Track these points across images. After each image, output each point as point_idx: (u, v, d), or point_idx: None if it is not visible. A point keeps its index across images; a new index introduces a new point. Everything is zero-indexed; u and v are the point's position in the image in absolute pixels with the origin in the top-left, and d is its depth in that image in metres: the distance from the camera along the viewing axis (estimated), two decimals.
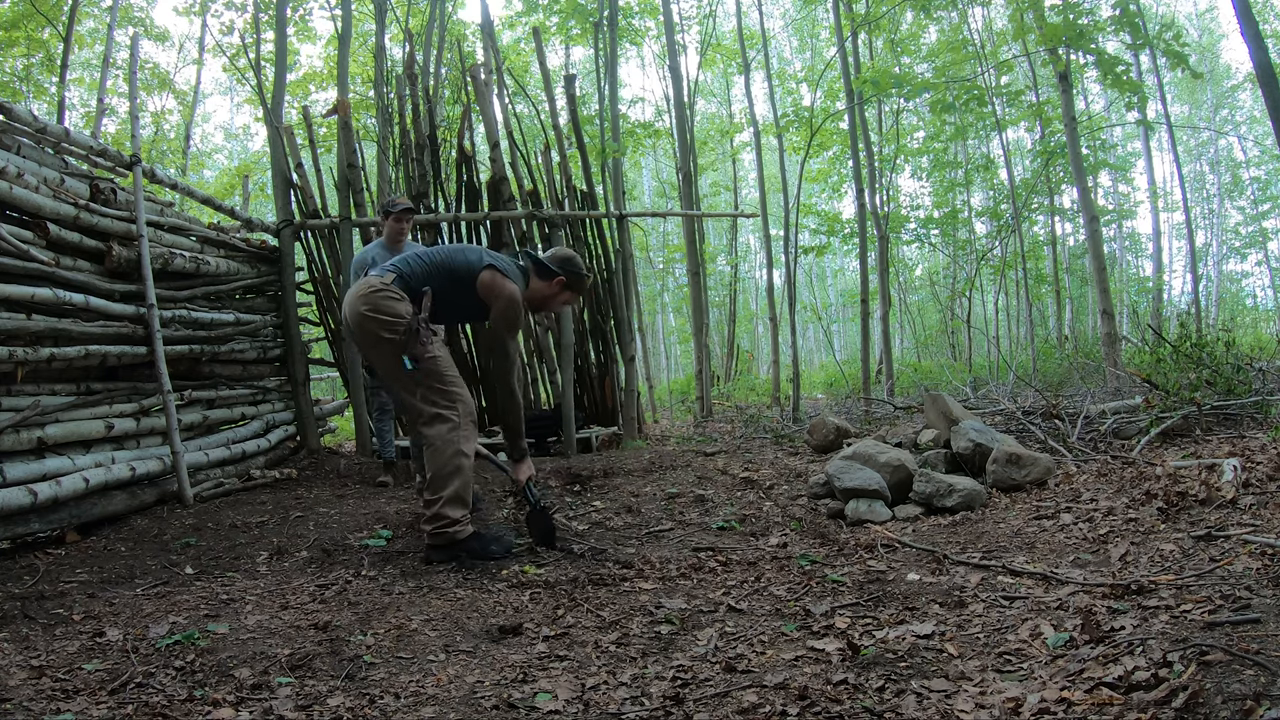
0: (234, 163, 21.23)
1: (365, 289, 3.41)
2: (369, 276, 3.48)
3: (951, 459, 4.34)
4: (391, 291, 3.41)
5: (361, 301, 3.38)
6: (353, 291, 3.43)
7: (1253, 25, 5.65)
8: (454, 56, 9.83)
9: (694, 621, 2.42)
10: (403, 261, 3.55)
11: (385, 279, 3.47)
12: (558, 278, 3.63)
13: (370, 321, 3.36)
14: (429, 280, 3.49)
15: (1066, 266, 16.12)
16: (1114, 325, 8.89)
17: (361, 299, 3.39)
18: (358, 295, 3.40)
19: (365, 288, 3.41)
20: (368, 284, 3.42)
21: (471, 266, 3.50)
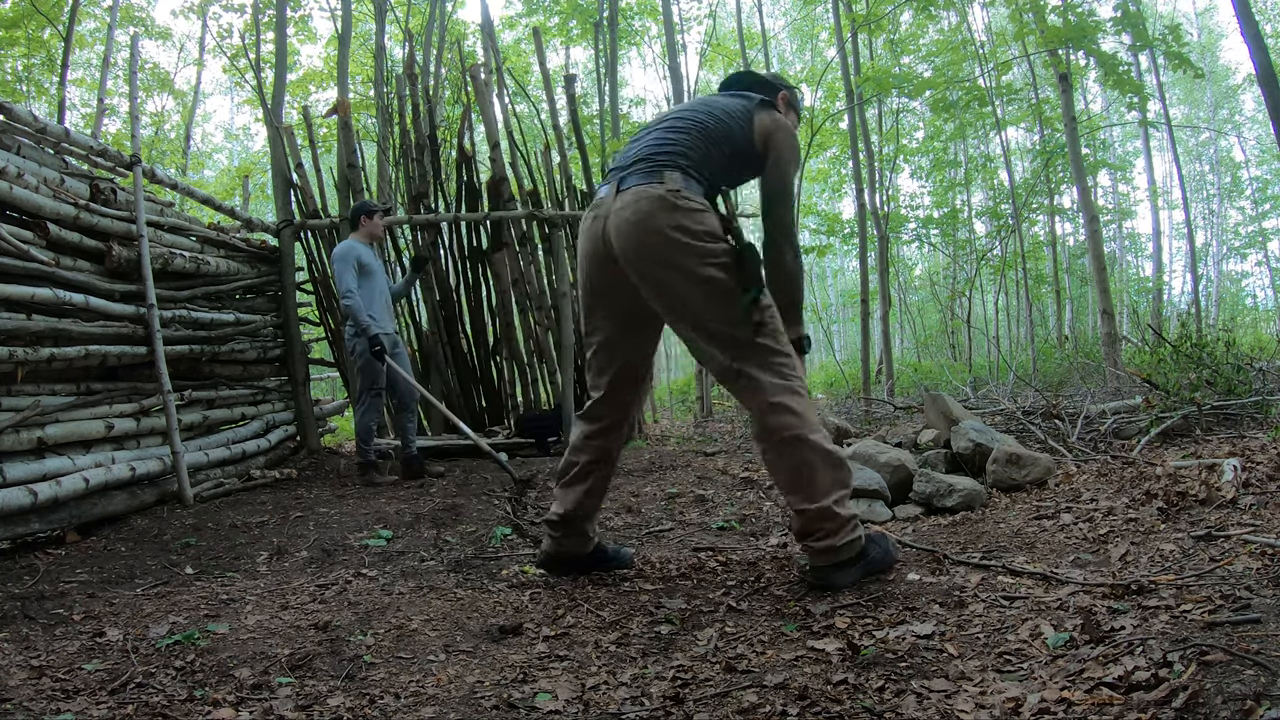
0: (234, 163, 21.23)
1: (653, 200, 2.45)
2: (647, 187, 2.49)
3: (951, 459, 4.34)
4: (695, 201, 2.50)
5: (655, 222, 2.43)
6: (629, 212, 2.47)
7: (1253, 25, 5.65)
8: (454, 56, 9.83)
9: (694, 621, 2.42)
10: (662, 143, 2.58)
11: (670, 180, 2.47)
12: (781, 92, 2.83)
13: (681, 251, 2.44)
14: (711, 163, 2.59)
15: (1066, 266, 16.13)
16: (1114, 325, 8.89)
17: (655, 217, 2.42)
18: (651, 213, 2.43)
19: (652, 199, 2.45)
20: (650, 194, 2.46)
21: (742, 118, 2.62)
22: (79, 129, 7.23)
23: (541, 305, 6.70)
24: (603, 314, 2.73)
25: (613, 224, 2.54)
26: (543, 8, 12.50)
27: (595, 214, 2.63)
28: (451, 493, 4.65)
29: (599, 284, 2.68)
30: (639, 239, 2.49)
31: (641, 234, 2.48)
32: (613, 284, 2.65)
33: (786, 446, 2.52)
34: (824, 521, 2.51)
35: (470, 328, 6.83)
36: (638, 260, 2.52)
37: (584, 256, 2.69)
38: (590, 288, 2.72)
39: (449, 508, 4.22)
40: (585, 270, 2.71)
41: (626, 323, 2.72)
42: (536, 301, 6.71)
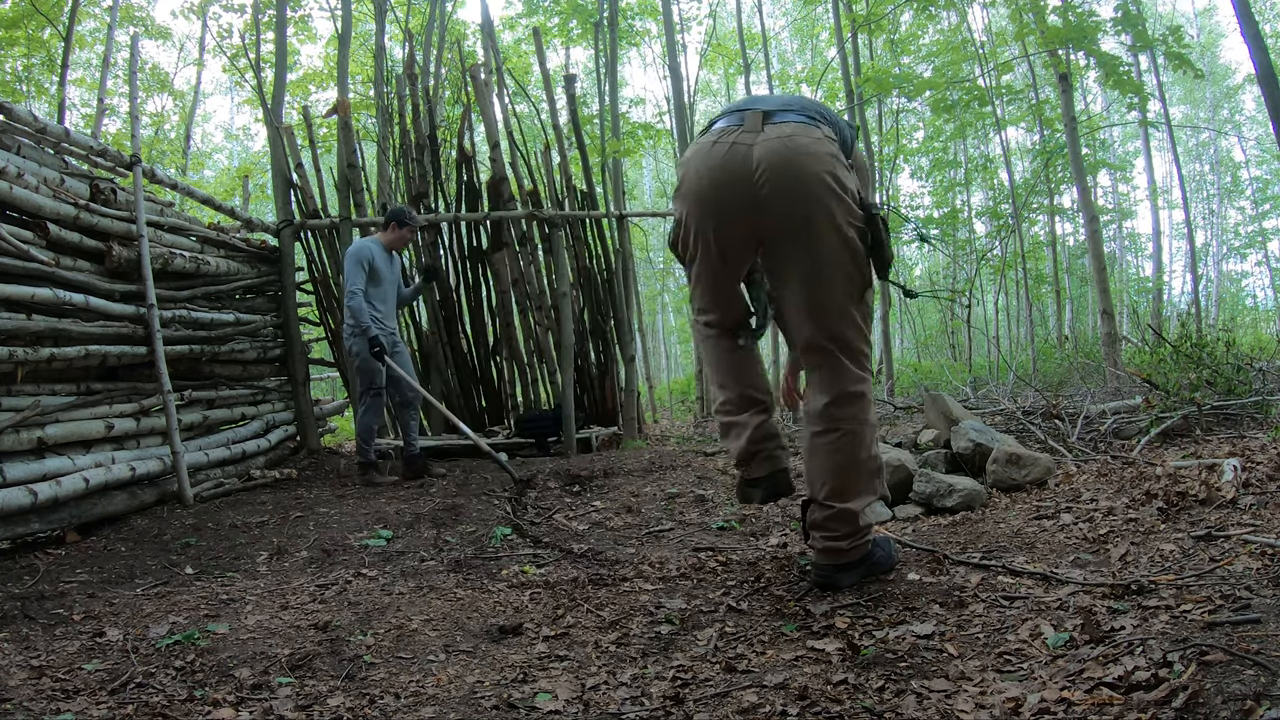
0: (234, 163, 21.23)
1: (818, 140, 2.38)
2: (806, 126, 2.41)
3: (951, 459, 4.34)
4: (845, 159, 2.46)
5: (822, 165, 2.36)
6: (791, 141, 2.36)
7: (1253, 25, 5.65)
8: (454, 56, 9.83)
9: (694, 621, 2.42)
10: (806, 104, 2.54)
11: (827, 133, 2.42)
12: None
13: (835, 199, 2.37)
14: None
15: (1066, 266, 16.13)
16: (1114, 325, 8.89)
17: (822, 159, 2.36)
18: (815, 151, 2.36)
19: (818, 139, 2.38)
20: (815, 134, 2.39)
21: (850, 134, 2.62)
22: (79, 129, 7.24)
23: (541, 305, 6.70)
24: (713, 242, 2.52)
25: (768, 149, 2.37)
26: (543, 8, 12.49)
27: (732, 139, 2.43)
28: (451, 493, 4.65)
29: (720, 208, 2.46)
30: (801, 169, 2.36)
31: (805, 165, 2.36)
32: (734, 210, 2.44)
33: (843, 440, 2.48)
34: (843, 524, 2.51)
35: (470, 328, 6.83)
36: (792, 191, 2.36)
37: (710, 180, 2.45)
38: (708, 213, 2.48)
39: (449, 508, 4.22)
40: (701, 197, 2.47)
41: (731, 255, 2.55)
42: (536, 301, 6.71)
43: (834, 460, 2.49)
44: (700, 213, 2.50)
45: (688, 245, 2.59)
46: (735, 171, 2.40)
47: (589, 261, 6.78)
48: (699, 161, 2.49)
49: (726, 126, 2.49)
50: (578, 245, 6.74)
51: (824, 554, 2.56)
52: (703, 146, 2.50)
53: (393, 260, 5.26)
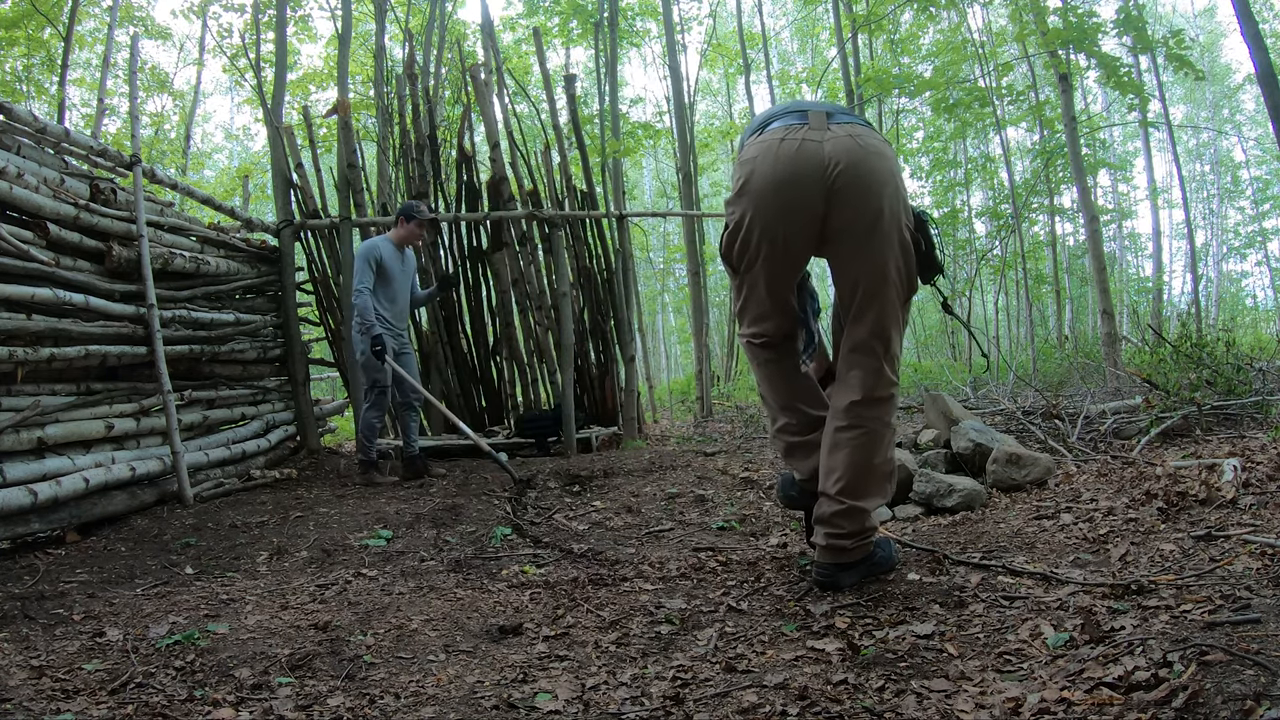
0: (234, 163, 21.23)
1: (883, 146, 2.45)
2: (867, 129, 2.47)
3: (951, 459, 4.34)
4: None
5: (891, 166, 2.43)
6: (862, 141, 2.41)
7: (1253, 25, 5.65)
8: (454, 56, 9.83)
9: (694, 621, 2.42)
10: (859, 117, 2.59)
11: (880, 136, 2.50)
12: None
13: (900, 202, 2.45)
14: None
15: (1066, 266, 16.13)
16: (1114, 325, 8.89)
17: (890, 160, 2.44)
18: (883, 151, 2.43)
19: (882, 145, 2.45)
20: (879, 138, 2.47)
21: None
22: (79, 129, 7.24)
23: (541, 305, 6.70)
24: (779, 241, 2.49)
25: (841, 145, 2.38)
26: (543, 8, 12.50)
27: (801, 136, 2.41)
28: (451, 493, 4.65)
29: (792, 206, 2.43)
30: (873, 167, 2.39)
31: (876, 164, 2.39)
32: (806, 208, 2.42)
33: (866, 438, 2.51)
34: (851, 521, 2.52)
35: (470, 328, 6.83)
36: (867, 186, 2.38)
37: (781, 177, 2.41)
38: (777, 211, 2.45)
39: (449, 508, 4.22)
40: (774, 193, 2.43)
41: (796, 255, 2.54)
42: (536, 301, 6.71)
43: (853, 457, 2.51)
44: (772, 207, 2.45)
45: (748, 247, 2.53)
46: (808, 166, 2.39)
47: (589, 261, 6.78)
48: (768, 158, 2.44)
49: (791, 124, 2.46)
50: (578, 245, 6.74)
51: (827, 551, 2.55)
52: (769, 144, 2.46)
53: (404, 259, 5.20)
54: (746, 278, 2.60)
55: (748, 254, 2.54)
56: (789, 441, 2.75)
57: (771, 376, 2.73)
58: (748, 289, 2.63)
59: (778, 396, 2.73)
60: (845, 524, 2.52)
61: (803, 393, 2.71)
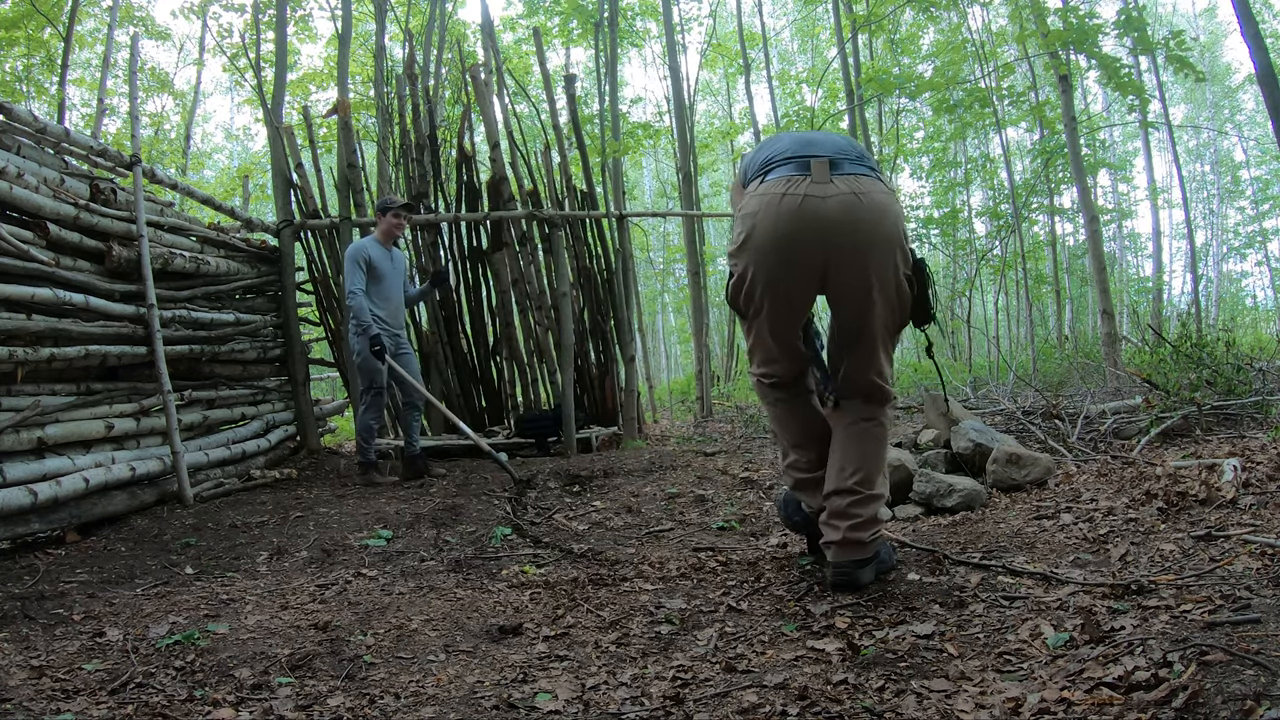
0: (234, 163, 21.24)
1: (888, 195, 2.51)
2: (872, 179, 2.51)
3: (951, 459, 4.34)
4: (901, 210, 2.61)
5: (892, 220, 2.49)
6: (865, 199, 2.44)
7: (1253, 25, 5.65)
8: (454, 56, 9.83)
9: (694, 621, 2.42)
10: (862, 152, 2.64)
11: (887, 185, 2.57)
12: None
13: (900, 252, 2.51)
14: None
15: (1066, 266, 16.13)
16: (1114, 325, 8.90)
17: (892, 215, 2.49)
18: (885, 206, 2.47)
19: (887, 194, 2.51)
20: (883, 189, 2.52)
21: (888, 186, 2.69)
22: (79, 129, 7.24)
23: (541, 305, 6.70)
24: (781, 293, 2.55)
25: (842, 204, 2.42)
26: (543, 8, 12.50)
27: (803, 192, 2.44)
28: (451, 493, 4.65)
29: (794, 262, 2.48)
30: (874, 227, 2.44)
31: (878, 222, 2.44)
32: (808, 264, 2.48)
33: (876, 430, 2.65)
34: (867, 508, 2.57)
35: (470, 328, 6.83)
36: (868, 247, 2.44)
37: (784, 233, 2.46)
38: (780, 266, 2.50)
39: (449, 508, 4.22)
40: (777, 250, 2.48)
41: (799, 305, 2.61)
42: (536, 301, 6.71)
43: (866, 447, 2.63)
44: (772, 264, 2.51)
45: (752, 299, 2.59)
46: (809, 225, 2.43)
47: (589, 261, 6.78)
48: (769, 215, 2.48)
49: (792, 176, 2.48)
50: (578, 245, 6.74)
51: (844, 547, 2.55)
52: (770, 200, 2.49)
53: (393, 257, 5.22)
54: (754, 324, 2.67)
55: (753, 304, 2.61)
56: (799, 477, 2.80)
57: (782, 415, 2.80)
58: (755, 334, 2.69)
59: (788, 434, 2.80)
60: (863, 512, 2.55)
61: (813, 430, 2.76)
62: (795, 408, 2.77)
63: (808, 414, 2.78)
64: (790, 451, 2.81)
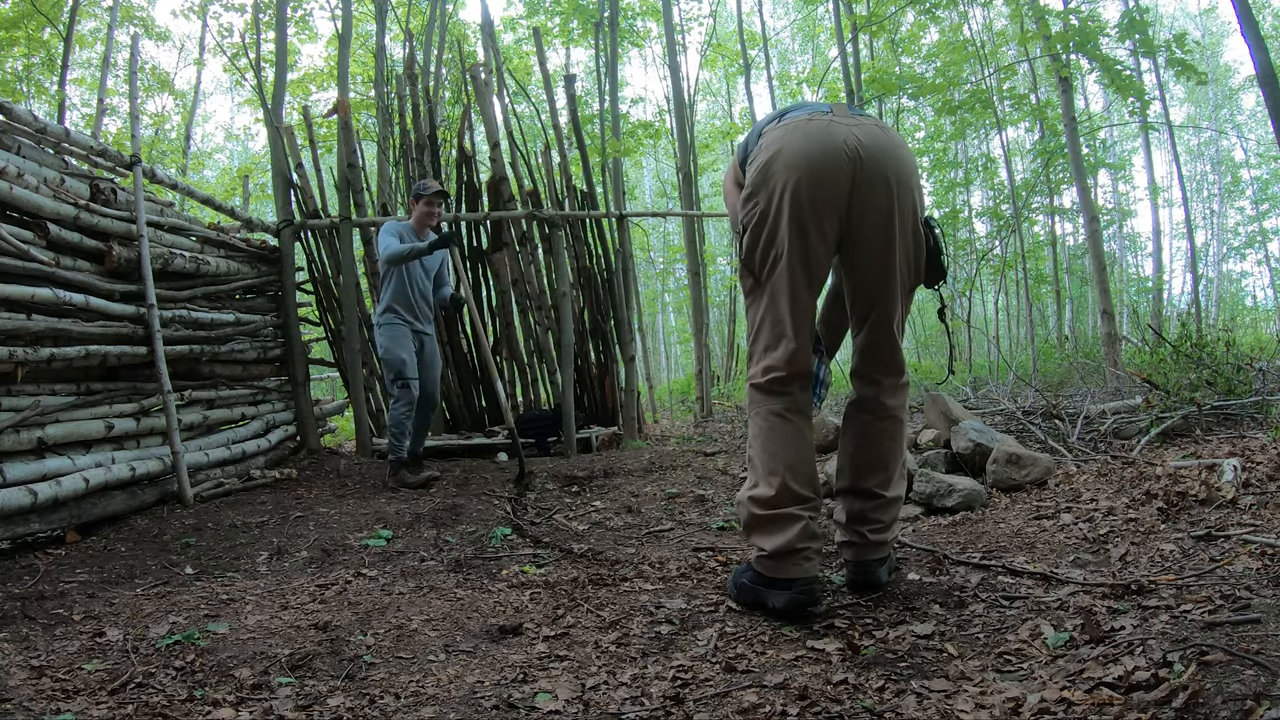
0: (235, 163, 21.24)
1: (900, 137, 2.47)
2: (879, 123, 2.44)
3: (951, 459, 4.34)
4: None
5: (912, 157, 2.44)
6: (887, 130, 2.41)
7: (1253, 25, 5.65)
8: (454, 56, 9.83)
9: (694, 621, 2.42)
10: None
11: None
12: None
13: (919, 190, 2.44)
14: None
15: (1066, 266, 16.13)
16: (1114, 325, 8.90)
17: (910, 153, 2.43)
18: (905, 144, 2.43)
19: (899, 136, 2.47)
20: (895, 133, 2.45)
21: None
22: (79, 129, 7.24)
23: (541, 305, 6.70)
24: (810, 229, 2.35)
25: (868, 132, 2.35)
26: (543, 8, 12.50)
27: (830, 119, 2.36)
28: (451, 493, 4.65)
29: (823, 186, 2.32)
30: (899, 155, 2.37)
31: (902, 153, 2.38)
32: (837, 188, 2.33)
33: (896, 428, 2.53)
34: (891, 513, 2.53)
35: (470, 328, 6.83)
36: (895, 171, 2.34)
37: (816, 155, 2.32)
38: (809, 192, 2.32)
39: (449, 508, 4.22)
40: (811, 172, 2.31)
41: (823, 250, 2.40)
42: (536, 301, 6.71)
43: (886, 447, 2.51)
44: (804, 183, 2.32)
45: (774, 240, 2.36)
46: (838, 144, 2.31)
47: (589, 261, 6.78)
48: (797, 135, 2.35)
49: (813, 113, 2.41)
50: (578, 245, 6.74)
51: (868, 549, 2.51)
52: (796, 125, 2.37)
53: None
54: (768, 286, 2.40)
55: (774, 249, 2.37)
56: (758, 514, 2.38)
57: (774, 432, 2.39)
58: (767, 302, 2.40)
59: (769, 457, 2.38)
60: (884, 517, 2.51)
61: (802, 461, 2.37)
62: (792, 425, 2.38)
63: (800, 440, 2.39)
64: (760, 481, 2.38)
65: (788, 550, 2.32)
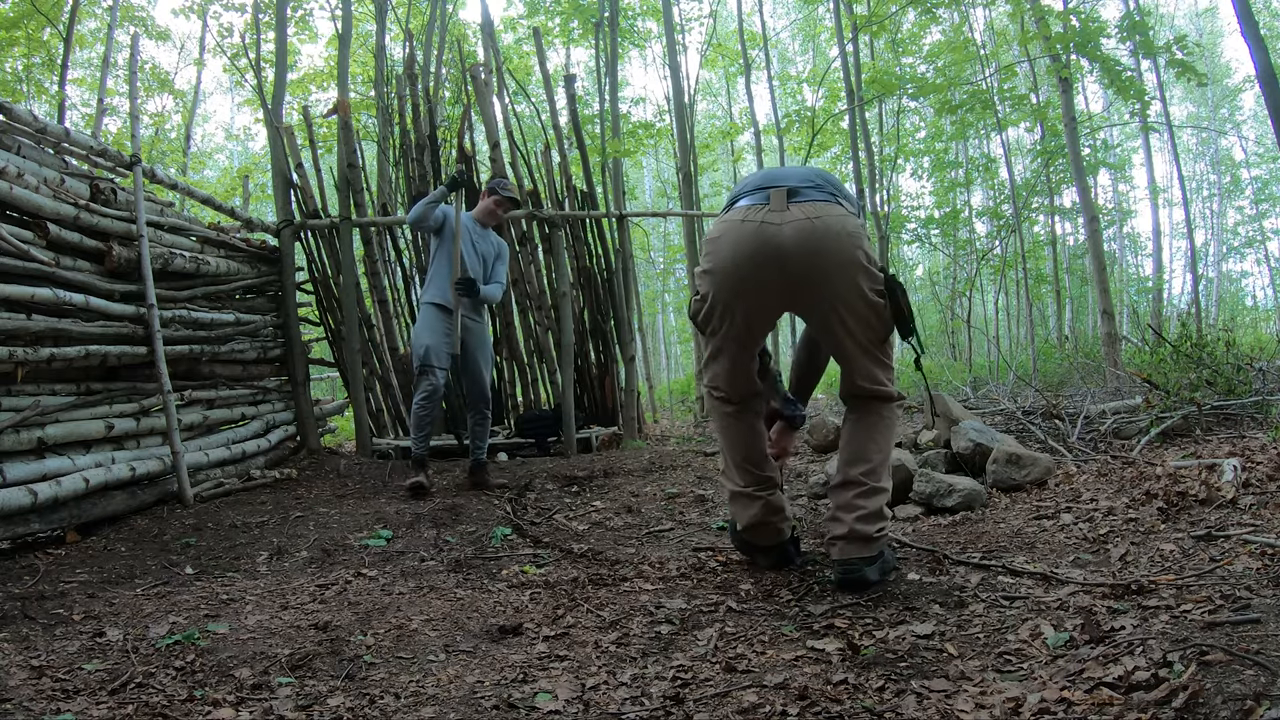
0: (235, 163, 21.24)
1: (843, 218, 2.55)
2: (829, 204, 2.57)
3: (951, 459, 4.34)
4: (863, 231, 2.64)
5: (850, 242, 2.53)
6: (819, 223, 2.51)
7: (1253, 25, 5.65)
8: (454, 56, 9.83)
9: (694, 621, 2.42)
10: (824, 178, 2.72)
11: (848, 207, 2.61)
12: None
13: (863, 273, 2.55)
14: None
15: (1066, 266, 16.13)
16: (1114, 325, 8.90)
17: (849, 236, 2.53)
18: (841, 230, 2.52)
19: (842, 216, 2.56)
20: (838, 212, 2.56)
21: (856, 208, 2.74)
22: (79, 129, 7.23)
23: (541, 305, 6.70)
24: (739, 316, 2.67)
25: (797, 229, 2.52)
26: (544, 8, 12.50)
27: (760, 219, 2.56)
28: (451, 493, 4.65)
29: (750, 285, 2.60)
30: (829, 250, 2.52)
31: (832, 246, 2.52)
32: (764, 287, 2.60)
33: (883, 423, 2.70)
34: (873, 500, 2.60)
35: None
36: (823, 271, 2.54)
37: (742, 260, 2.57)
38: (737, 290, 2.62)
39: (449, 508, 4.22)
40: (737, 277, 2.60)
41: (756, 327, 2.75)
42: (536, 301, 6.71)
43: (872, 438, 2.68)
44: (731, 289, 2.63)
45: (711, 319, 2.73)
46: (766, 251, 2.54)
47: (589, 261, 6.78)
48: (729, 241, 2.61)
49: (752, 205, 2.61)
50: (578, 245, 6.74)
51: (851, 544, 2.57)
52: (731, 225, 2.62)
53: (483, 238, 4.88)
54: (712, 341, 2.78)
55: (711, 323, 2.73)
56: (734, 491, 2.88)
57: (728, 429, 2.87)
58: (712, 349, 2.81)
59: (733, 452, 2.86)
60: (868, 504, 2.58)
61: (754, 452, 2.83)
62: (741, 424, 2.84)
63: (752, 436, 2.84)
64: (729, 467, 2.89)
65: (758, 524, 2.83)
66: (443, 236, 4.76)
